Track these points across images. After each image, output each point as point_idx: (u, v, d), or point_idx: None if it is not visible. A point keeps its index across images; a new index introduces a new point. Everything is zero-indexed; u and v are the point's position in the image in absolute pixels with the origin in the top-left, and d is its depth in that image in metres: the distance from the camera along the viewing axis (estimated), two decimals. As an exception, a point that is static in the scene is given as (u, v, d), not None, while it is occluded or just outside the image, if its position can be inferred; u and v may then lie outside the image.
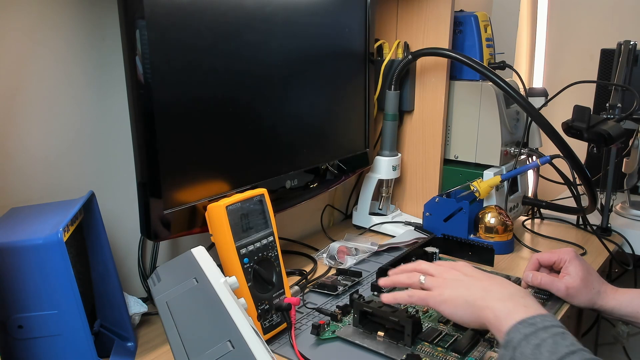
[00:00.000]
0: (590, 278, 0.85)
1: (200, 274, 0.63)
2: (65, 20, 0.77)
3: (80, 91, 0.80)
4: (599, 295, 0.84)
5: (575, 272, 0.85)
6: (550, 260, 0.90)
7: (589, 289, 0.85)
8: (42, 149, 0.77)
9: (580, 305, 0.86)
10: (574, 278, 0.85)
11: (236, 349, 0.55)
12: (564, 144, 1.00)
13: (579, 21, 1.90)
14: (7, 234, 0.62)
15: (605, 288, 0.85)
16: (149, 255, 0.91)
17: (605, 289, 0.85)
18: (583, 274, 0.85)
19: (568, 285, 0.85)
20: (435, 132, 1.22)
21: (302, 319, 0.83)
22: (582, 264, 0.87)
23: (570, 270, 0.86)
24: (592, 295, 0.84)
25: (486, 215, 1.09)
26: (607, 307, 0.84)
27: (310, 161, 1.02)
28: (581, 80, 1.15)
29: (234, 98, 0.84)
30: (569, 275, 0.86)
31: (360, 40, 1.11)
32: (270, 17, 0.88)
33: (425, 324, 0.80)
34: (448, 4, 1.15)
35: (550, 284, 0.87)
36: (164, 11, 0.71)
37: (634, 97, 1.11)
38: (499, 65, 1.21)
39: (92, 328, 0.72)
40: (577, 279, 0.85)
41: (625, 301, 0.83)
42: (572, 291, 0.85)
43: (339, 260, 1.03)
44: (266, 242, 0.78)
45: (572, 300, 0.86)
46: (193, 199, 0.79)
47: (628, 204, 1.35)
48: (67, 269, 0.61)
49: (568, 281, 0.85)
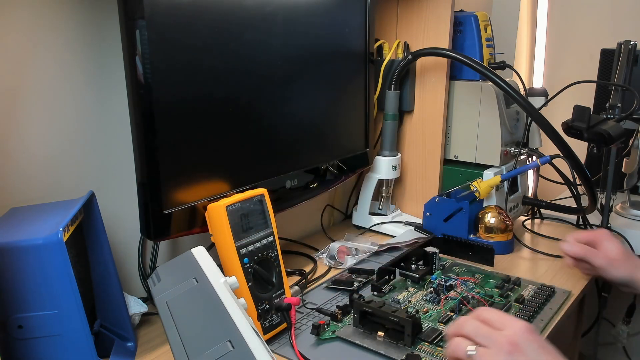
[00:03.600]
0: (628, 253, 0.89)
1: (200, 274, 0.63)
2: (65, 20, 0.77)
3: (80, 91, 0.80)
4: (637, 269, 0.87)
5: (614, 246, 0.89)
6: (586, 239, 0.92)
7: (629, 262, 0.88)
8: (42, 149, 0.77)
9: (619, 276, 0.88)
10: (614, 251, 0.88)
11: (236, 349, 0.55)
12: (564, 144, 1.01)
13: (579, 21, 1.89)
14: (7, 234, 0.62)
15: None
16: (149, 255, 0.91)
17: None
18: (622, 248, 0.89)
19: (609, 255, 0.88)
20: (435, 132, 1.22)
21: (302, 319, 0.83)
22: (618, 243, 0.90)
23: (607, 246, 0.89)
24: (632, 268, 0.87)
25: (486, 215, 1.09)
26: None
27: (310, 161, 1.02)
28: (581, 80, 1.15)
29: (233, 98, 0.84)
30: (609, 249, 0.89)
31: (360, 40, 1.11)
32: (270, 17, 0.88)
33: (425, 324, 0.80)
34: (448, 4, 1.15)
35: (589, 254, 0.89)
36: (164, 11, 0.71)
37: (634, 97, 1.11)
38: (499, 65, 1.21)
39: (92, 328, 0.72)
40: (617, 252, 0.88)
41: None
42: (614, 262, 0.87)
43: (339, 260, 1.03)
44: (266, 242, 0.78)
45: (611, 272, 0.88)
46: (193, 199, 0.79)
47: (628, 204, 1.34)
48: (67, 269, 0.61)
49: (609, 252, 0.88)
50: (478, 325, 0.61)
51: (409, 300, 0.88)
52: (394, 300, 0.87)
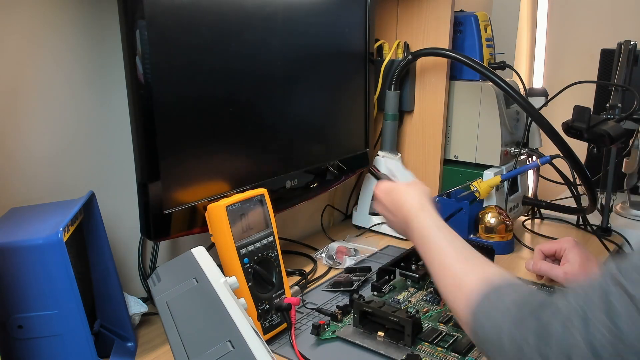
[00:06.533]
0: (588, 264, 0.88)
1: (200, 274, 0.63)
2: (66, 21, 0.77)
3: (81, 91, 0.80)
4: None
5: (574, 258, 0.88)
6: (552, 250, 0.93)
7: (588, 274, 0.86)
8: (42, 149, 0.77)
9: None
10: (572, 264, 0.88)
11: (236, 349, 0.55)
12: (564, 144, 1.01)
13: (579, 21, 1.90)
14: (7, 234, 0.62)
15: None
16: (149, 255, 0.91)
17: None
18: (581, 260, 0.88)
19: (566, 271, 0.88)
20: (435, 132, 1.22)
21: (302, 319, 0.83)
22: (580, 251, 0.89)
23: (570, 257, 0.89)
24: None
25: (486, 215, 1.09)
26: None
27: (310, 161, 1.02)
28: (581, 80, 1.15)
29: (233, 98, 0.84)
30: (568, 262, 0.89)
31: (360, 40, 1.11)
32: (270, 17, 0.88)
33: (425, 324, 0.80)
34: (448, 4, 1.15)
35: (549, 270, 0.91)
36: (164, 11, 0.71)
37: (634, 97, 1.11)
38: (499, 65, 1.21)
39: (92, 328, 0.72)
40: (575, 265, 0.88)
41: None
42: (571, 276, 0.87)
43: (337, 260, 1.03)
44: (266, 242, 0.78)
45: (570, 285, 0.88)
46: (193, 199, 0.79)
47: (628, 204, 1.35)
48: (67, 269, 0.61)
49: (567, 267, 0.88)
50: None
51: (409, 300, 0.88)
52: (394, 301, 0.87)
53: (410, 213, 0.75)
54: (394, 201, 0.79)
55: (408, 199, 0.77)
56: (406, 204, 0.77)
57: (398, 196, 0.79)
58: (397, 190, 0.80)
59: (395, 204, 0.79)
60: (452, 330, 0.78)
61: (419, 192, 0.78)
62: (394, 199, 0.80)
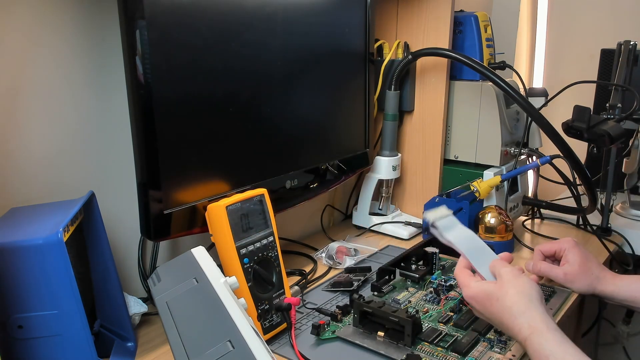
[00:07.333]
0: (588, 264, 0.88)
1: (200, 274, 0.63)
2: (66, 20, 0.77)
3: (81, 91, 0.80)
4: (598, 280, 0.86)
5: (573, 259, 0.88)
6: (551, 250, 0.93)
7: (588, 275, 0.87)
8: (42, 149, 0.77)
9: (580, 290, 0.88)
10: (572, 265, 0.88)
11: (236, 349, 0.55)
12: (564, 144, 1.01)
13: (579, 21, 1.90)
14: (7, 234, 0.62)
15: (605, 274, 0.87)
16: (149, 255, 0.91)
17: (604, 275, 0.87)
18: (581, 260, 0.88)
19: (566, 271, 0.88)
20: (435, 132, 1.22)
21: (302, 319, 0.83)
22: (580, 252, 0.89)
23: (569, 258, 0.89)
24: (591, 280, 0.87)
25: (486, 215, 1.09)
26: (607, 292, 0.86)
27: (310, 161, 1.02)
28: (581, 80, 1.15)
29: (234, 98, 0.84)
30: (568, 263, 0.89)
31: (360, 40, 1.11)
32: (270, 17, 0.88)
33: (425, 324, 0.80)
34: (448, 4, 1.15)
35: (549, 271, 0.90)
36: (164, 11, 0.71)
37: (634, 97, 1.11)
38: (499, 65, 1.21)
39: (92, 328, 0.72)
40: (575, 265, 0.87)
41: (623, 286, 0.85)
42: (570, 277, 0.87)
43: (337, 260, 1.03)
44: (266, 242, 0.78)
45: (571, 286, 0.88)
46: (193, 199, 0.79)
47: (628, 204, 1.35)
48: (67, 269, 0.61)
49: (566, 268, 0.88)
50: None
51: (409, 300, 0.88)
52: (394, 300, 0.87)
53: (521, 333, 0.64)
54: (494, 314, 0.69)
55: (513, 315, 0.66)
56: (515, 326, 0.66)
57: (499, 310, 0.68)
58: (495, 301, 0.68)
59: (498, 318, 0.68)
60: (452, 330, 0.78)
61: (523, 300, 0.67)
62: (493, 313, 0.69)
